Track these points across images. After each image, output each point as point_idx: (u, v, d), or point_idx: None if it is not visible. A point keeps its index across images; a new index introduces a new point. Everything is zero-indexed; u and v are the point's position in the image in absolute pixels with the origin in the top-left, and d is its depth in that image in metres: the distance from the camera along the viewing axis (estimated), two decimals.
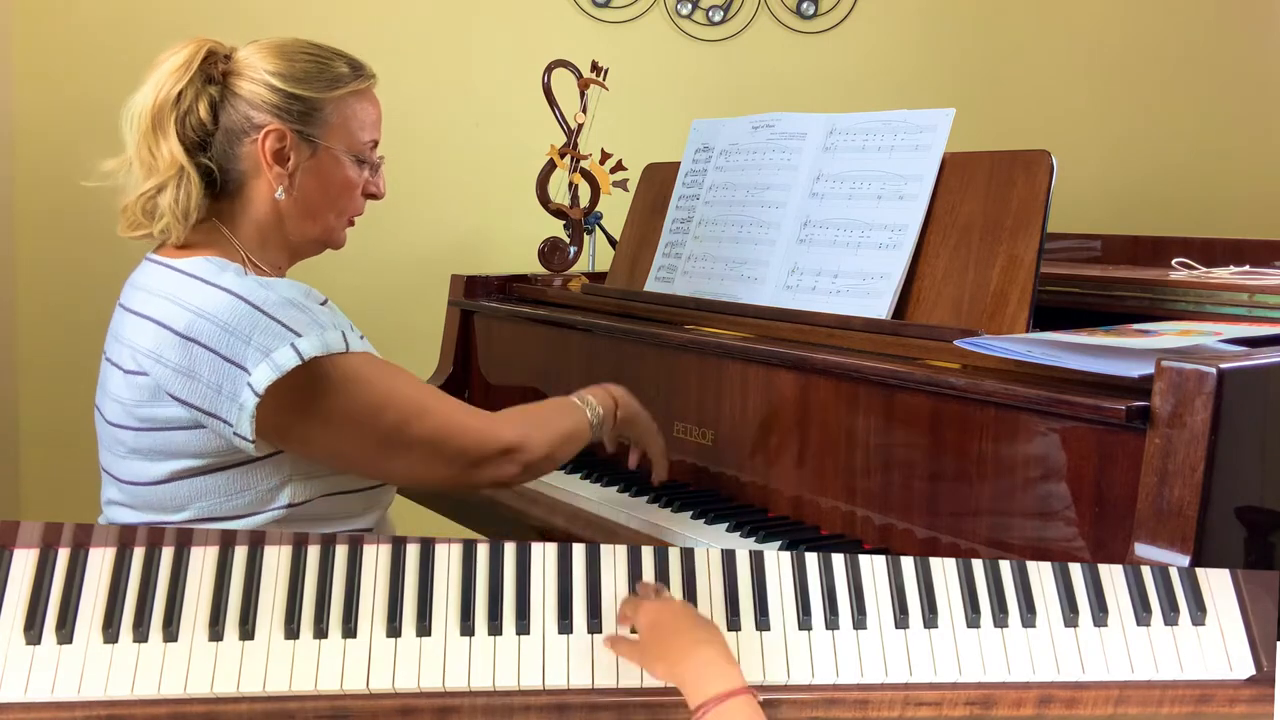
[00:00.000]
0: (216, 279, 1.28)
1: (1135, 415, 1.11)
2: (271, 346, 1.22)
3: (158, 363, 1.26)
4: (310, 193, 1.38)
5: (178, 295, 1.28)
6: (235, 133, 1.34)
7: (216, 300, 1.26)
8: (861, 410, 1.40)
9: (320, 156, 1.37)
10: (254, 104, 1.34)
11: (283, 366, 1.22)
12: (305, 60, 1.36)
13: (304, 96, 1.35)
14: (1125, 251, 2.07)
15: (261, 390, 1.21)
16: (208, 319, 1.24)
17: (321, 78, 1.36)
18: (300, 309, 1.26)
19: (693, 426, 1.63)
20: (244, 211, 1.37)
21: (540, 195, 2.22)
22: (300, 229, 1.40)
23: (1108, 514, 1.16)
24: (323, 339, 1.24)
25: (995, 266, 1.44)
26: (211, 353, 1.23)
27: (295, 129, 1.35)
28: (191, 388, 1.25)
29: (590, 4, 2.84)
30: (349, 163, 1.40)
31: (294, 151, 1.35)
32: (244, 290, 1.26)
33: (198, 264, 1.31)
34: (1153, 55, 2.97)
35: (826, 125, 1.71)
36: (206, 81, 1.34)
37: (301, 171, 1.36)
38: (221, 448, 1.27)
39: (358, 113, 1.40)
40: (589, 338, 1.86)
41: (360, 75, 1.40)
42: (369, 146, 1.42)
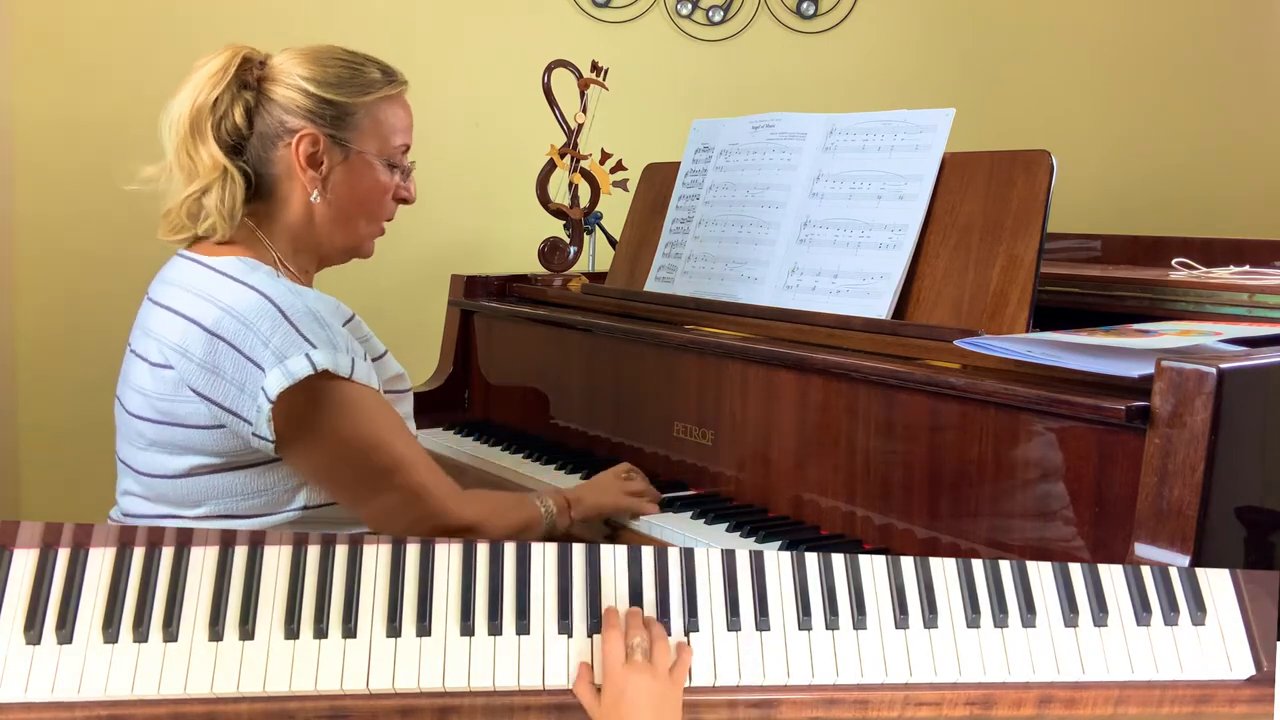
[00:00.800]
0: (248, 278, 1.30)
1: (1135, 415, 1.11)
2: (287, 352, 1.24)
3: (184, 357, 1.28)
4: (343, 197, 1.40)
5: (208, 291, 1.30)
6: (270, 137, 1.36)
7: (245, 299, 1.28)
8: (861, 410, 1.40)
9: (353, 161, 1.39)
10: (288, 109, 1.36)
11: (294, 374, 1.24)
12: (338, 66, 1.38)
13: (337, 101, 1.37)
14: (1125, 251, 2.07)
15: (274, 396, 1.24)
16: (235, 316, 1.27)
17: (354, 83, 1.38)
18: (321, 324, 1.28)
19: (693, 426, 1.63)
20: (277, 215, 1.39)
21: (540, 195, 2.22)
22: (331, 234, 1.42)
23: (1108, 514, 1.16)
24: (334, 357, 1.26)
25: (995, 266, 1.44)
26: (235, 350, 1.26)
27: (328, 133, 1.37)
28: (214, 384, 1.27)
29: (590, 4, 2.84)
30: (381, 167, 1.41)
31: (327, 156, 1.37)
32: (273, 292, 1.28)
33: (230, 262, 1.33)
34: (1153, 55, 2.97)
35: (826, 125, 1.71)
36: (242, 87, 1.36)
37: (334, 175, 1.38)
38: (239, 448, 1.29)
39: (389, 118, 1.42)
40: (589, 338, 1.86)
41: (392, 81, 1.42)
42: (400, 151, 1.44)
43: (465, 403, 2.15)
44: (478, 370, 2.14)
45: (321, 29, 1.49)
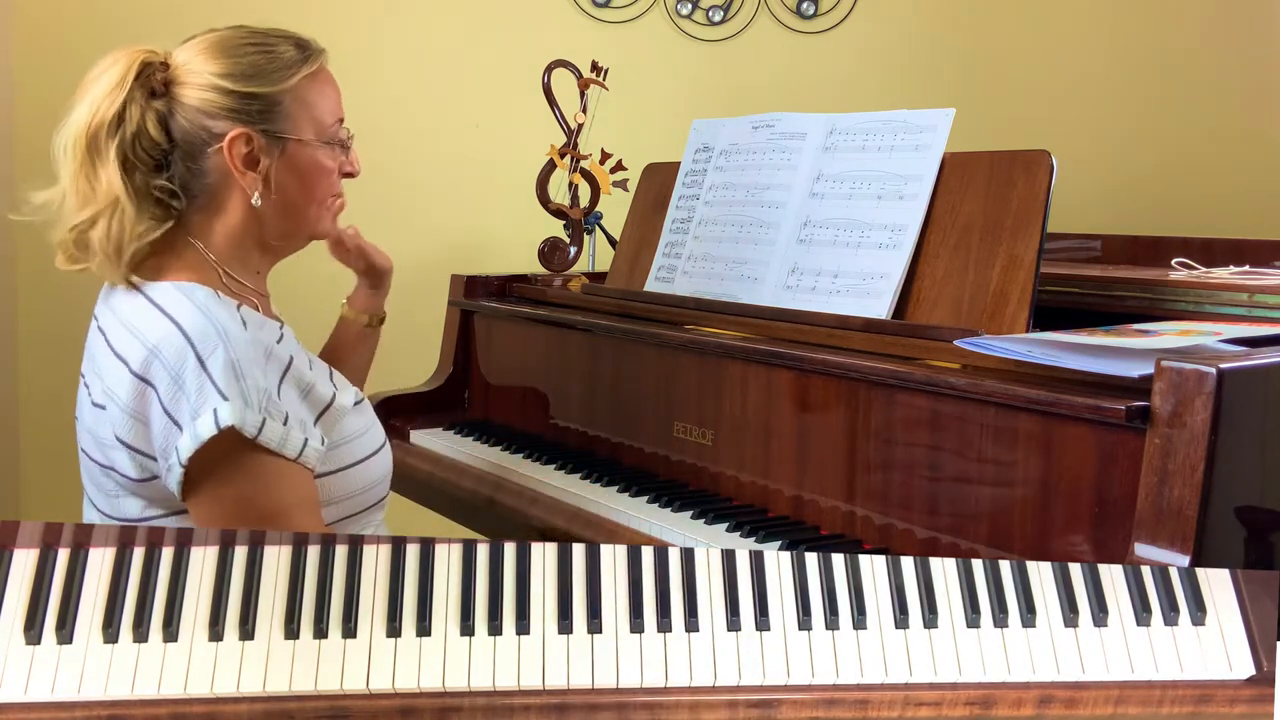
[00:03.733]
0: (177, 311, 1.22)
1: (1135, 415, 1.11)
2: (199, 409, 1.18)
3: (113, 401, 1.22)
4: (288, 190, 1.31)
5: (137, 325, 1.23)
6: (194, 145, 1.26)
7: (170, 340, 1.20)
8: (861, 410, 1.40)
9: (291, 151, 1.30)
10: (208, 112, 1.26)
11: (200, 436, 1.18)
12: (251, 52, 1.27)
13: (259, 93, 1.27)
14: (1125, 251, 2.07)
15: (185, 459, 1.19)
16: (160, 360, 1.20)
17: (271, 68, 1.28)
18: (238, 376, 1.20)
19: (693, 426, 1.63)
20: (218, 224, 1.30)
21: (540, 195, 2.22)
22: (281, 229, 1.34)
23: (1108, 514, 1.16)
24: (243, 414, 1.18)
25: (995, 266, 1.44)
26: (159, 404, 1.20)
27: (260, 129, 1.27)
28: (142, 434, 1.21)
29: (590, 4, 2.84)
30: (322, 149, 1.33)
31: (263, 153, 1.28)
32: (195, 333, 1.20)
33: (163, 289, 1.25)
34: (1153, 55, 2.97)
35: (826, 125, 1.71)
36: (150, 96, 1.25)
37: (275, 171, 1.29)
38: (173, 497, 1.23)
39: (318, 96, 1.32)
40: (589, 338, 1.86)
41: (310, 55, 1.32)
42: (336, 126, 1.35)
43: (465, 403, 2.15)
44: (478, 370, 2.14)
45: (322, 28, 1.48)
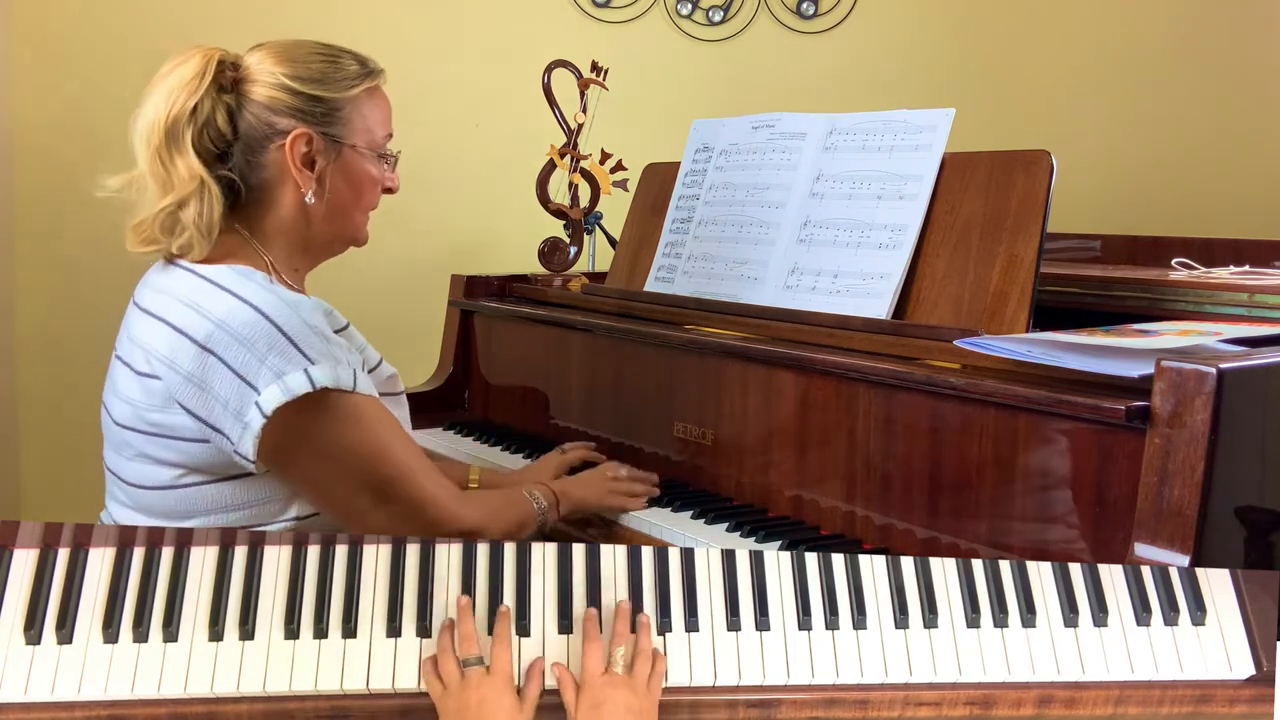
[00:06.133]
0: (240, 288, 1.27)
1: (1135, 415, 1.11)
2: (285, 369, 1.22)
3: (171, 369, 1.25)
4: (339, 193, 1.38)
5: (199, 302, 1.27)
6: (257, 140, 1.33)
7: (239, 313, 1.25)
8: (861, 410, 1.40)
9: (345, 156, 1.37)
10: (274, 109, 1.33)
11: (293, 390, 1.21)
12: (318, 61, 1.36)
13: (323, 97, 1.34)
14: (1125, 251, 2.07)
15: (269, 411, 1.21)
16: (228, 331, 1.24)
17: (336, 77, 1.36)
18: (321, 338, 1.26)
19: (693, 426, 1.63)
20: (269, 218, 1.36)
21: (540, 195, 2.22)
22: (328, 230, 1.40)
23: (1108, 514, 1.16)
24: (335, 372, 1.24)
25: (995, 266, 1.44)
26: (226, 367, 1.23)
27: (320, 131, 1.34)
28: (201, 399, 1.24)
29: (590, 4, 2.84)
30: (372, 160, 1.40)
31: (320, 155, 1.35)
32: (267, 306, 1.25)
33: (222, 271, 1.30)
34: (1152, 55, 2.97)
35: (826, 125, 1.71)
36: (220, 91, 1.32)
37: (330, 174, 1.36)
38: (224, 463, 1.26)
39: (374, 110, 1.40)
40: (589, 338, 1.86)
41: (370, 72, 1.40)
42: (386, 141, 1.43)
43: (465, 403, 2.15)
44: (478, 370, 2.14)
45: (321, 29, 1.49)
